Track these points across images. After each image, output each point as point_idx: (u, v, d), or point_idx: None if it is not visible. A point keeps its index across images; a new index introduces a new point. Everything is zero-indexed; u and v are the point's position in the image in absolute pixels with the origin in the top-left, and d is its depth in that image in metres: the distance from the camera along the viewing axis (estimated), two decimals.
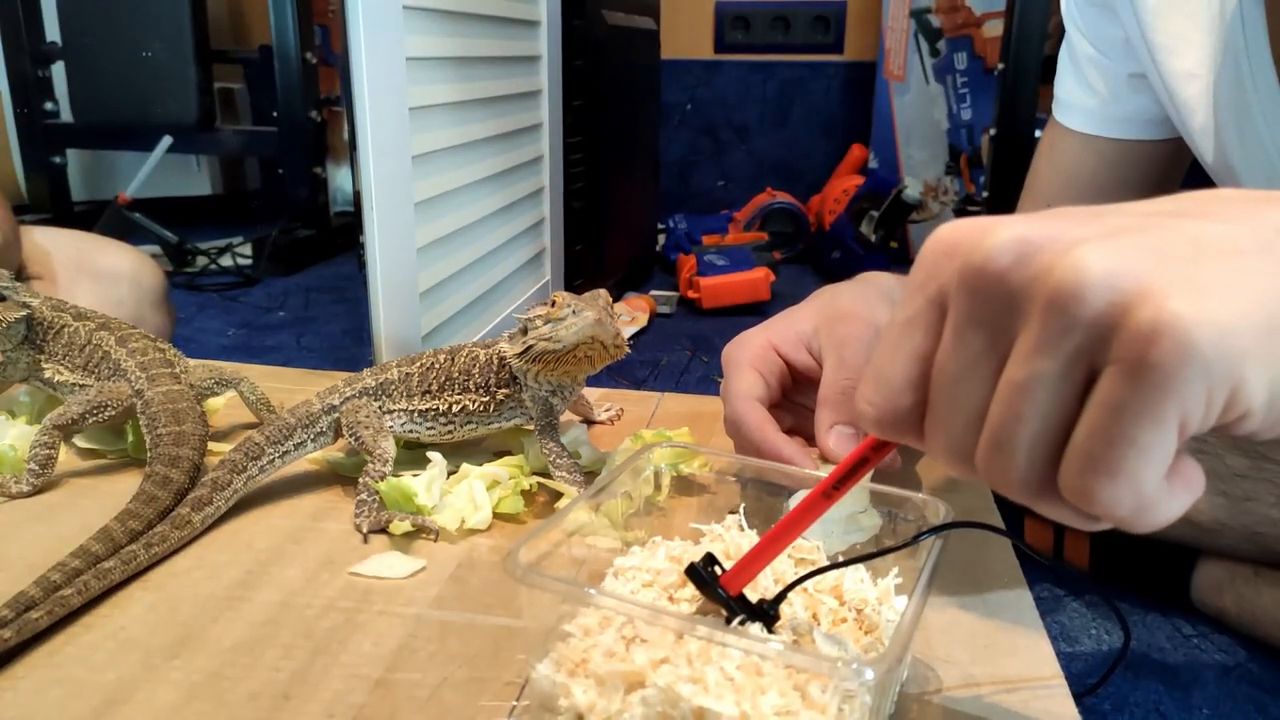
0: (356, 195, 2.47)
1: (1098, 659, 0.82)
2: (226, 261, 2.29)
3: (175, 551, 0.55)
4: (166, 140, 2.25)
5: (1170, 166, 0.83)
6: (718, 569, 0.40)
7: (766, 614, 0.40)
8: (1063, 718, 0.42)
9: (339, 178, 2.78)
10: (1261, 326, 0.25)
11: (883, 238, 2.37)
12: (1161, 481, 0.26)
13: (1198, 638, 0.85)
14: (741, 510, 0.50)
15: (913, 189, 2.34)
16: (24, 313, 0.69)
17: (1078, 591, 0.92)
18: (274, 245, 2.31)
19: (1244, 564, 0.84)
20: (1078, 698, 0.43)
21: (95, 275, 1.07)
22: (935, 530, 0.42)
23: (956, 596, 0.51)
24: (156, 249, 2.20)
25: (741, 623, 0.39)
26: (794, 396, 0.61)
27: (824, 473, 0.52)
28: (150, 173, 2.26)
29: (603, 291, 0.59)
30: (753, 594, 0.40)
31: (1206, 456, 0.80)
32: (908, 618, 0.36)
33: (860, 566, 0.45)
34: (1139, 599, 0.91)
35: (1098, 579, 0.94)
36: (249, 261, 2.32)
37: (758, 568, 0.39)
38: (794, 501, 0.52)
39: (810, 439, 0.57)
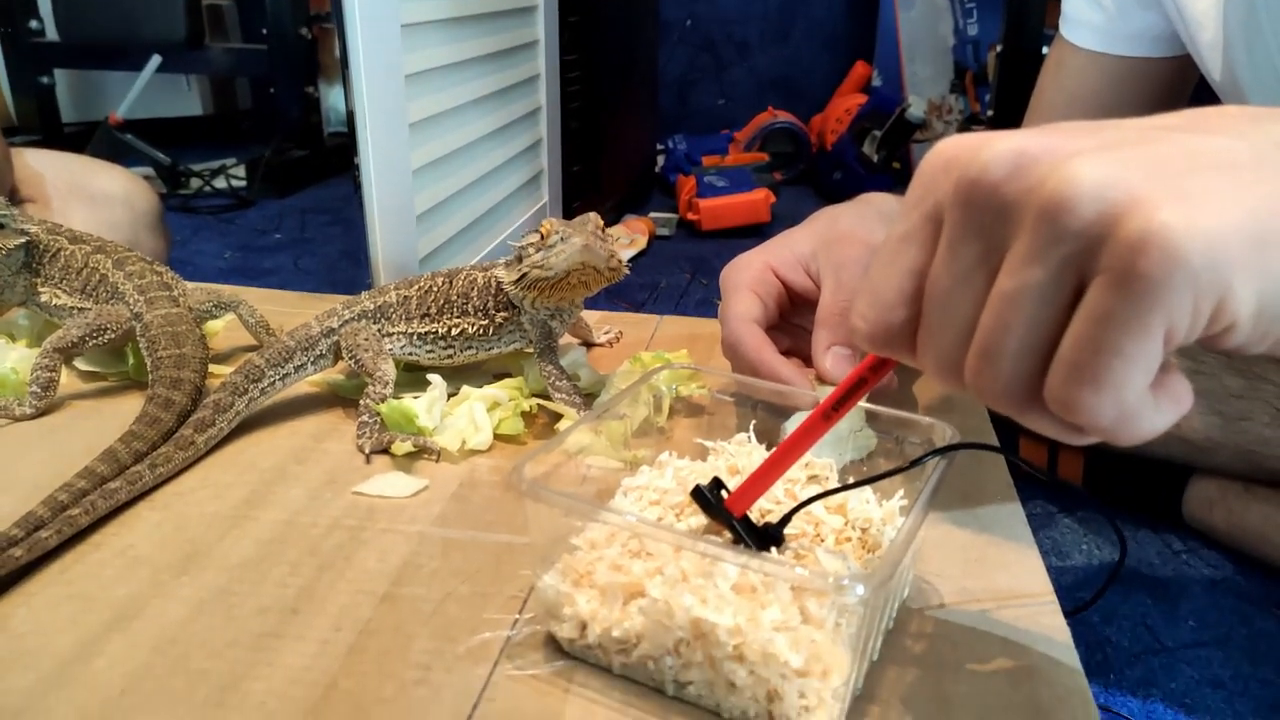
0: (350, 115, 2.43)
1: (1088, 573, 0.83)
2: (220, 183, 2.26)
3: (180, 472, 0.56)
4: (156, 59, 2.20)
5: (1176, 85, 0.82)
6: (724, 492, 0.41)
7: (771, 537, 0.40)
8: (1053, 631, 0.43)
9: (331, 97, 2.73)
10: (1251, 238, 0.25)
11: (885, 158, 2.34)
12: (1146, 393, 0.26)
13: (1187, 553, 0.87)
14: (752, 428, 0.51)
15: (916, 108, 2.30)
16: (23, 240, 0.69)
17: (1070, 508, 0.94)
18: (268, 166, 2.28)
19: (1235, 481, 0.85)
20: (1070, 614, 0.44)
21: (89, 198, 1.05)
22: (939, 451, 0.42)
23: (950, 512, 0.52)
24: (149, 171, 2.18)
25: (746, 545, 0.40)
26: (792, 318, 0.61)
27: (821, 394, 0.52)
28: (140, 93, 2.22)
29: (593, 215, 0.59)
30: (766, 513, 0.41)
31: (1203, 377, 0.81)
32: (902, 535, 0.37)
33: (866, 487, 0.46)
34: (1131, 515, 0.93)
35: (1091, 496, 0.96)
36: (243, 183, 2.29)
37: (760, 490, 0.40)
38: (792, 424, 0.52)
39: (808, 360, 0.57)
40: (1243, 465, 0.82)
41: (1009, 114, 1.90)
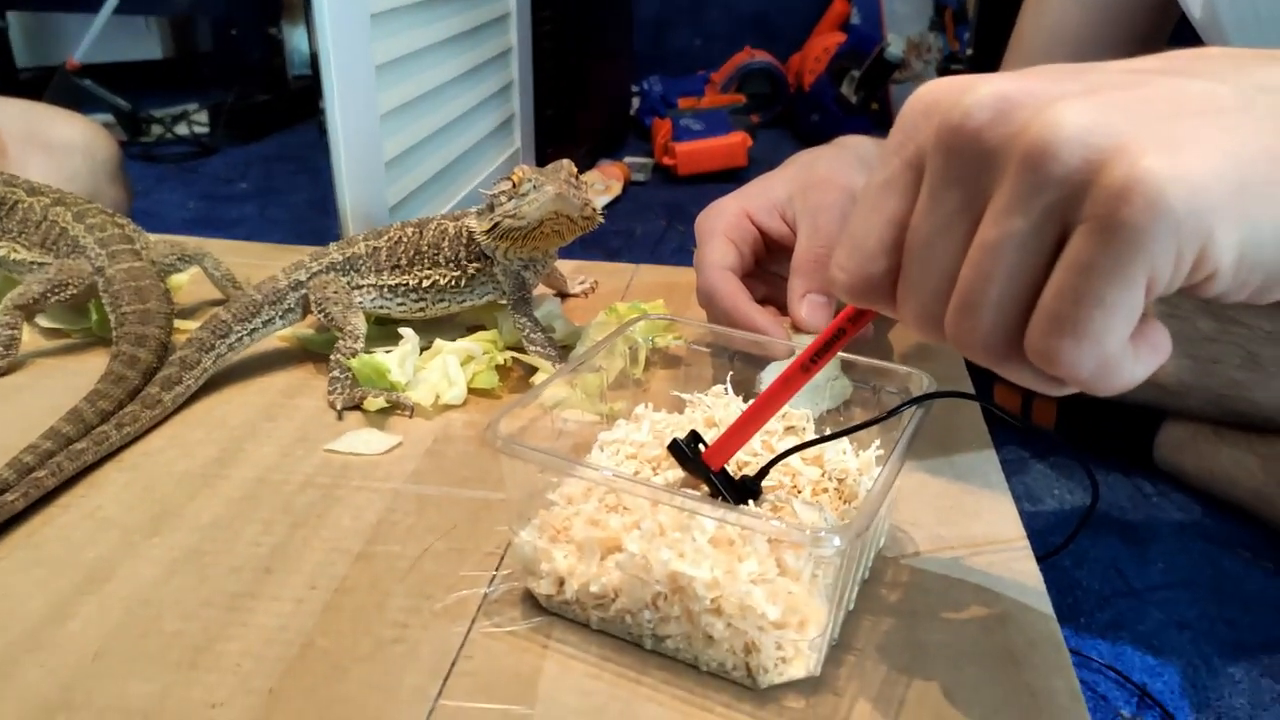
0: (313, 57, 2.36)
1: (1060, 517, 0.85)
2: (182, 130, 2.21)
3: (147, 431, 0.55)
4: (113, 0, 2.12)
5: (1157, 24, 0.81)
6: (701, 446, 0.41)
7: (748, 490, 0.40)
8: (1026, 576, 0.43)
9: (295, 38, 2.65)
10: (1234, 185, 0.24)
11: (864, 99, 2.31)
12: (1126, 344, 0.26)
13: (1157, 496, 0.88)
14: (729, 379, 0.50)
15: (895, 47, 2.27)
16: None
17: (1043, 453, 0.95)
18: (231, 112, 2.22)
19: (1205, 424, 0.87)
20: (1042, 559, 0.44)
21: (47, 147, 1.02)
22: (916, 400, 0.42)
23: (925, 461, 0.52)
24: (109, 118, 2.12)
25: (723, 499, 0.40)
26: (768, 265, 0.61)
27: (797, 342, 0.52)
28: (98, 35, 2.15)
29: (566, 162, 0.57)
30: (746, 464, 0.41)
31: (1176, 320, 0.81)
32: (878, 486, 0.37)
33: (844, 438, 0.45)
34: (1103, 460, 0.94)
35: (1064, 441, 0.97)
36: (206, 130, 2.24)
37: (738, 443, 0.39)
38: (769, 375, 0.52)
39: (784, 308, 0.57)
40: (1214, 409, 0.83)
41: (988, 53, 1.88)
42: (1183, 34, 0.75)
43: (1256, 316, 0.82)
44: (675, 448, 0.40)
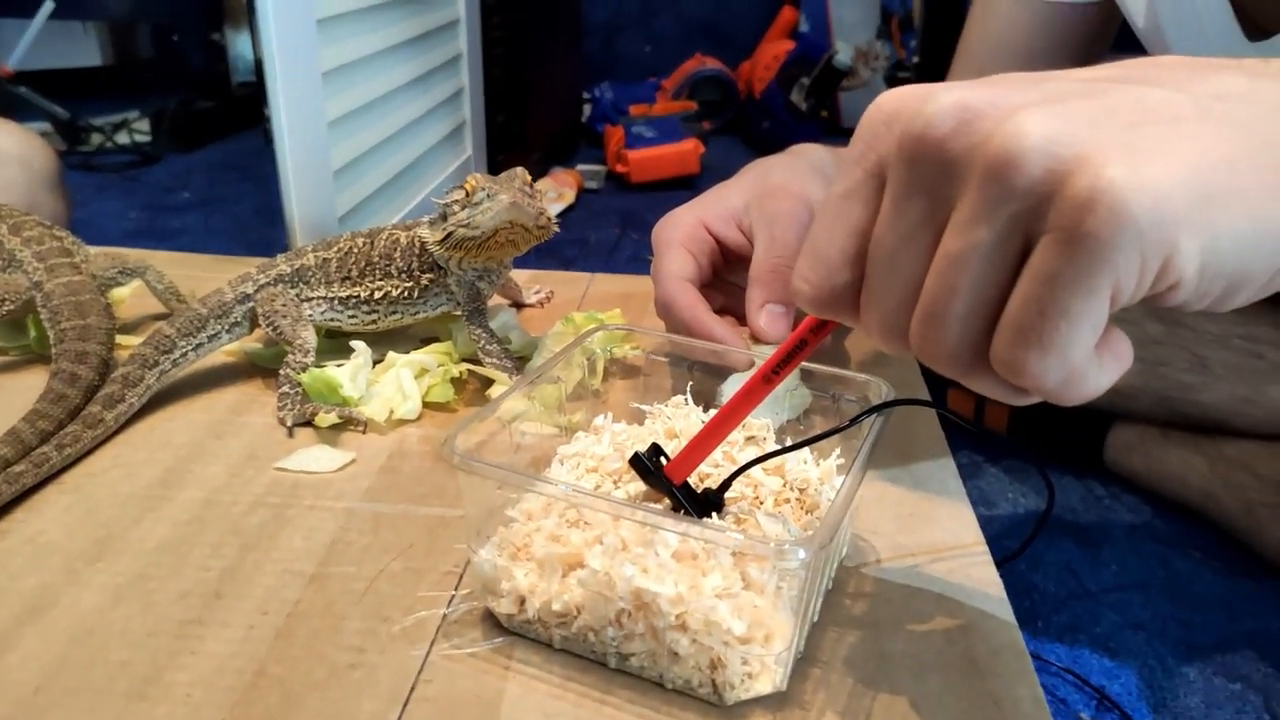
0: (258, 63, 2.32)
1: (1014, 521, 0.86)
2: (123, 139, 2.15)
3: (89, 452, 0.53)
4: (49, 4, 2.07)
5: (1101, 31, 0.82)
6: (663, 459, 0.40)
7: (710, 502, 0.40)
8: (985, 583, 0.44)
9: (239, 44, 2.60)
10: (1197, 194, 0.25)
11: (813, 106, 2.34)
12: (1091, 353, 0.26)
13: (1109, 499, 0.90)
14: (688, 390, 0.50)
15: (844, 54, 2.29)
16: None
17: (995, 457, 0.96)
18: (173, 119, 2.18)
19: (1154, 426, 0.88)
20: (1000, 564, 0.45)
21: None
22: (875, 409, 0.42)
23: (884, 469, 0.52)
24: (46, 126, 2.06)
25: (686, 513, 0.39)
26: (725, 275, 0.61)
27: (757, 353, 0.52)
28: (33, 41, 2.09)
29: (520, 170, 0.57)
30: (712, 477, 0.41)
31: (1125, 324, 0.83)
32: (841, 497, 0.37)
33: (805, 448, 0.45)
34: (1055, 463, 0.95)
35: (1016, 443, 0.98)
36: (147, 138, 2.19)
37: (700, 456, 0.39)
38: (730, 387, 0.51)
39: (742, 319, 0.57)
40: (1162, 411, 0.85)
41: (935, 60, 1.91)
42: (1124, 43, 0.76)
43: (1203, 320, 0.84)
44: (636, 461, 0.40)
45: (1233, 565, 0.81)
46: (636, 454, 0.40)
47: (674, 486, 0.39)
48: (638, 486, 0.42)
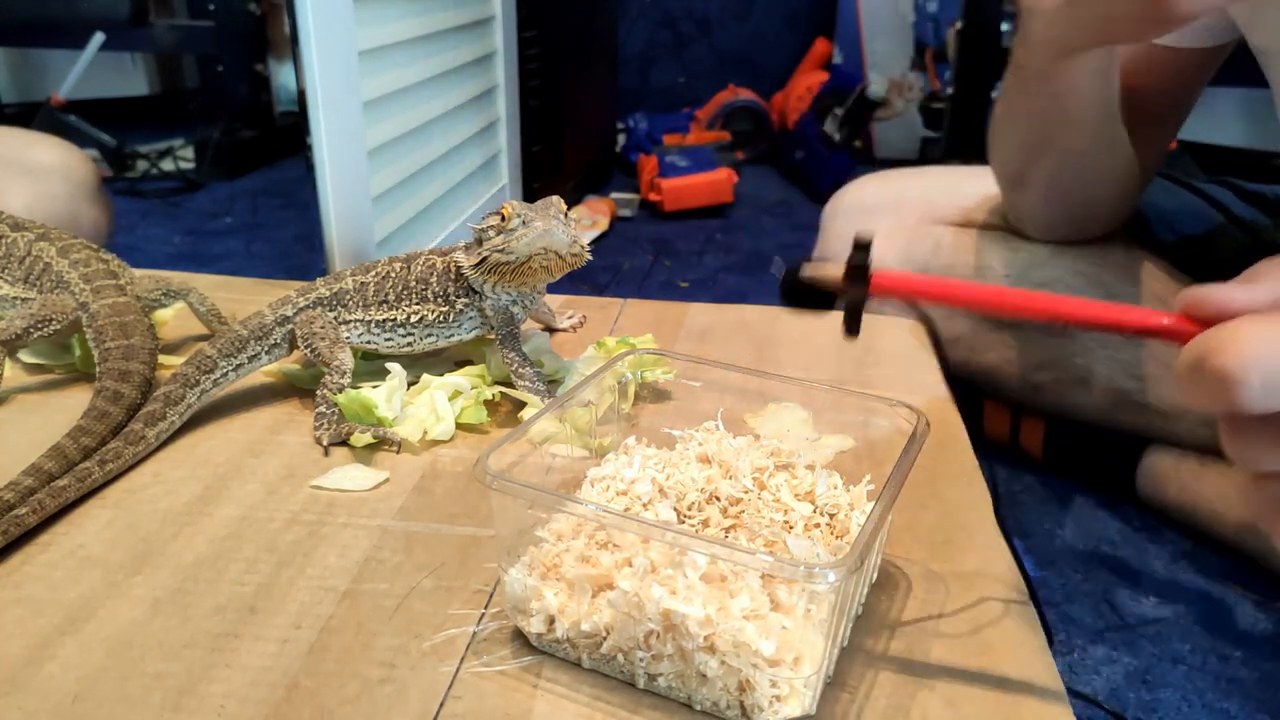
0: (301, 94, 2.37)
1: (1049, 550, 0.85)
2: (168, 165, 2.20)
3: (131, 468, 0.54)
4: (99, 37, 2.13)
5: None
6: (870, 263, 0.36)
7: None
8: (1018, 613, 0.43)
9: (282, 75, 2.66)
10: None
11: (847, 136, 2.34)
12: None
13: (1146, 530, 0.88)
14: (719, 415, 0.50)
15: (877, 85, 2.30)
16: None
17: (1030, 484, 0.95)
18: (217, 147, 2.23)
19: (1191, 455, 0.87)
20: (1033, 594, 0.44)
21: (26, 171, 1.02)
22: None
23: (916, 494, 0.52)
24: (94, 153, 2.11)
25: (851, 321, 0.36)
26: None
27: None
28: (83, 72, 2.15)
29: (555, 198, 0.58)
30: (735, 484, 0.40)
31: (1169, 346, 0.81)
32: (871, 522, 0.37)
33: (835, 473, 0.45)
34: (1090, 491, 0.94)
35: (1050, 468, 0.97)
36: (191, 165, 2.24)
37: (935, 295, 0.36)
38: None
39: None
40: (1205, 431, 0.83)
41: (969, 92, 1.91)
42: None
43: None
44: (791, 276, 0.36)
45: (1275, 598, 0.79)
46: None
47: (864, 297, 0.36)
48: (666, 509, 0.42)
